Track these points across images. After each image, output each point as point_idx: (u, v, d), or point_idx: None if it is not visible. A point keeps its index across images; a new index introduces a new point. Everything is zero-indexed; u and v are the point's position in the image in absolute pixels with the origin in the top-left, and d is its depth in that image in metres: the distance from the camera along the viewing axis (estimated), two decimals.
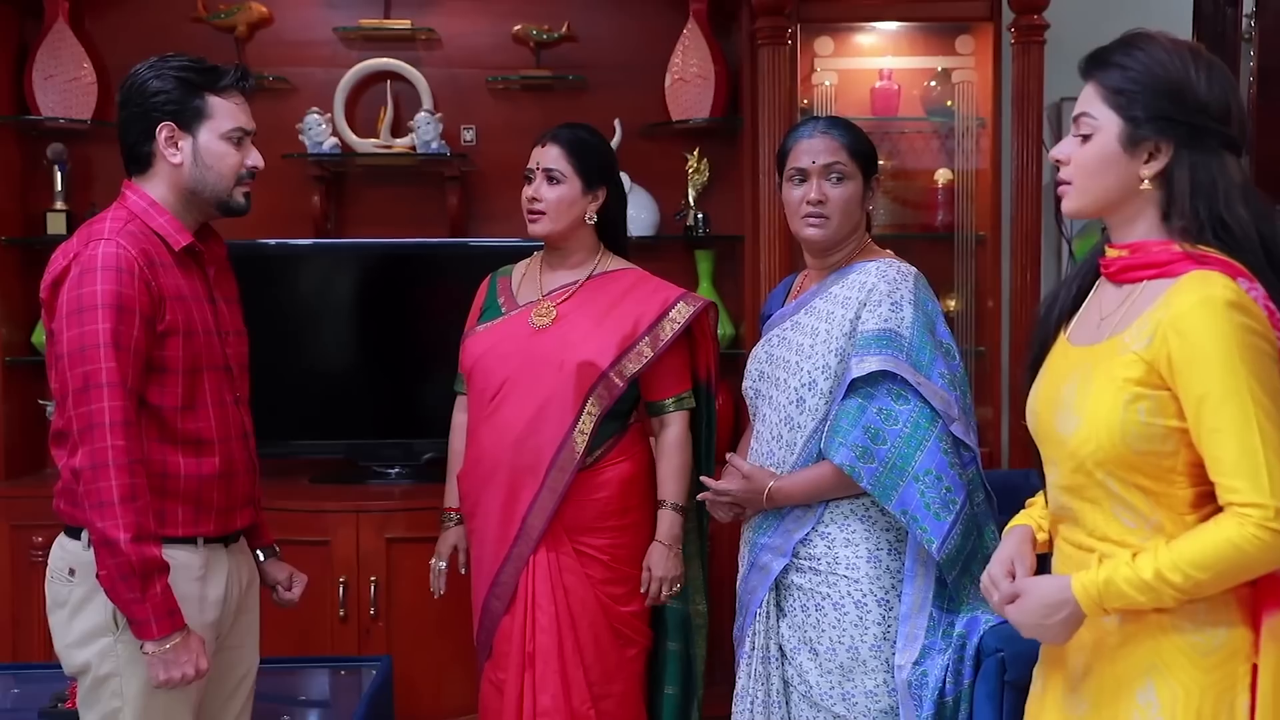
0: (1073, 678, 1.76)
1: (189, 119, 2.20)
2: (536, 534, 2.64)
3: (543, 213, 2.70)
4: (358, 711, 2.68)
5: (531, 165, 2.74)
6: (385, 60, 3.94)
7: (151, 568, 2.03)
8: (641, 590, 2.70)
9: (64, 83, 3.82)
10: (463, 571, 2.83)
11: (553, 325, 2.70)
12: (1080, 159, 1.73)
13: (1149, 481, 1.65)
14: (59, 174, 3.86)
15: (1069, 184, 1.75)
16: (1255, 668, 1.63)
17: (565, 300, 2.73)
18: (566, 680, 2.62)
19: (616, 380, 2.66)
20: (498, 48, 3.98)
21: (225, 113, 2.22)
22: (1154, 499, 1.66)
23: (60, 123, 3.83)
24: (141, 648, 2.06)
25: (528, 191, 2.73)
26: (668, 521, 2.72)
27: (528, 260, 2.88)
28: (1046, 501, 1.85)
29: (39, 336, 3.87)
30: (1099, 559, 1.66)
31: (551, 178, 2.70)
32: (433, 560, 2.87)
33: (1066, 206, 1.78)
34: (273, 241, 3.74)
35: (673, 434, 2.75)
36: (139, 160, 2.23)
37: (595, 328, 2.68)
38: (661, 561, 2.70)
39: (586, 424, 2.64)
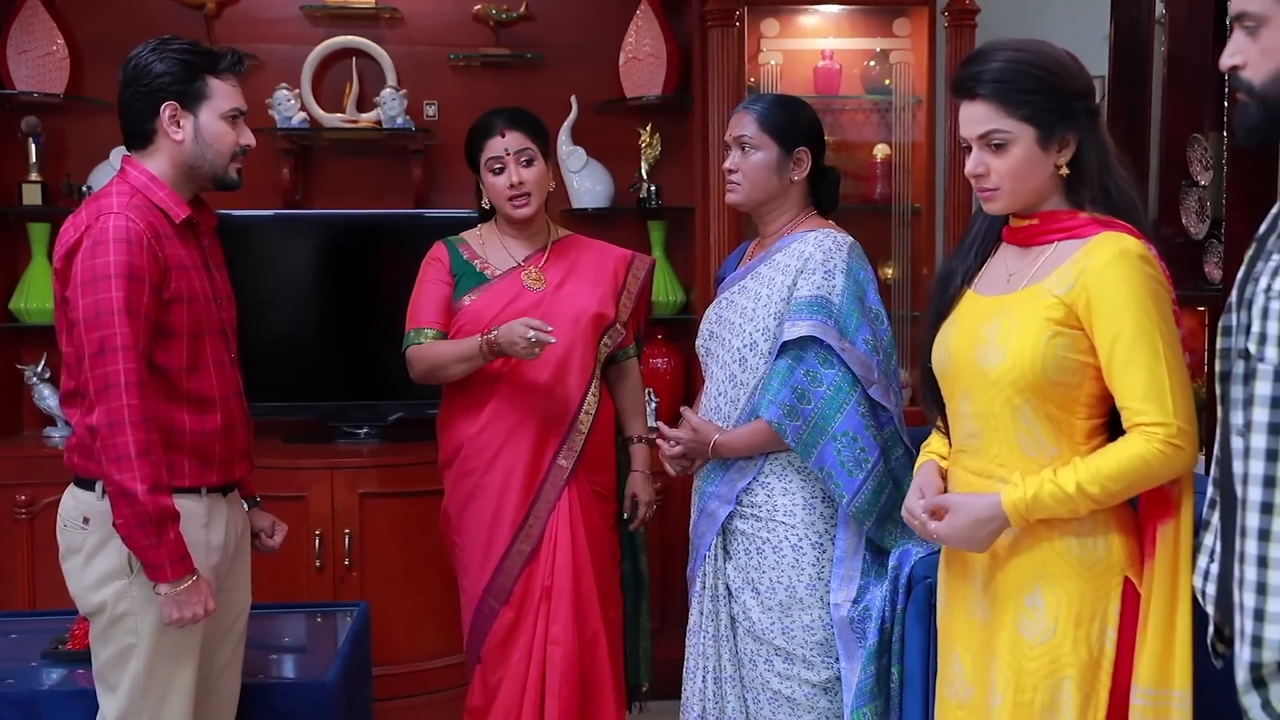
0: (976, 588, 2.03)
1: (191, 99, 2.33)
2: (565, 476, 2.84)
3: (529, 194, 2.83)
4: (341, 651, 2.85)
5: (499, 153, 2.82)
6: (350, 38, 4.09)
7: (166, 516, 2.20)
8: (626, 516, 3.00)
9: (37, 58, 3.94)
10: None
11: (549, 286, 2.88)
12: (1006, 169, 1.94)
13: (1057, 410, 1.92)
14: (33, 146, 3.97)
15: (995, 190, 1.96)
16: (1126, 581, 1.91)
17: (544, 265, 2.92)
18: (581, 610, 2.85)
19: (620, 328, 2.94)
20: (458, 26, 4.14)
21: (224, 94, 2.36)
22: (1058, 428, 1.92)
23: (34, 96, 3.95)
24: (155, 589, 2.24)
25: (508, 179, 2.81)
26: (642, 453, 3.04)
27: (475, 231, 2.99)
28: (949, 438, 2.10)
29: (17, 303, 4.00)
30: (1020, 477, 1.91)
31: (529, 159, 2.83)
32: (525, 340, 2.61)
33: (996, 209, 2.01)
34: (243, 212, 3.86)
35: (634, 378, 3.07)
36: (141, 136, 2.35)
37: (591, 284, 2.91)
38: (646, 488, 3.03)
39: (598, 370, 2.91)
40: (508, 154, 2.83)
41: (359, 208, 4.10)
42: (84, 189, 3.94)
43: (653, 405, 3.99)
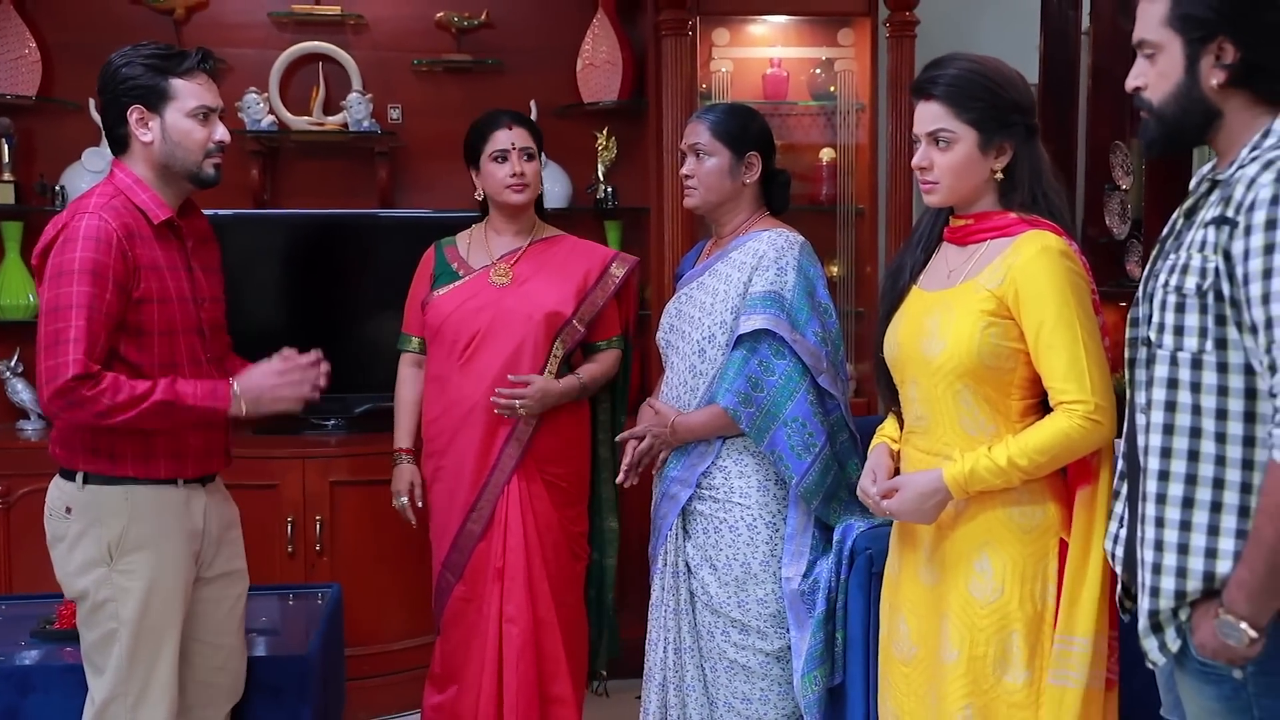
0: (923, 555, 2.23)
1: (155, 101, 2.40)
2: (513, 464, 3.00)
3: (527, 184, 3.04)
4: (318, 629, 3.00)
5: (504, 146, 3.02)
6: (317, 43, 4.20)
7: (138, 395, 2.27)
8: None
9: (9, 61, 4.02)
10: (419, 505, 3.15)
11: (513, 283, 3.05)
12: (947, 165, 2.16)
13: (993, 392, 2.12)
14: (5, 147, 4.04)
15: (935, 184, 2.18)
16: (1061, 542, 2.11)
17: (517, 262, 3.09)
18: (533, 591, 3.01)
19: (578, 326, 3.07)
20: (421, 33, 4.27)
21: (189, 93, 2.41)
22: (994, 408, 2.13)
23: (6, 98, 4.02)
24: (244, 413, 2.39)
25: (510, 169, 3.01)
26: (571, 379, 3.07)
27: (467, 231, 3.20)
28: (900, 422, 2.31)
29: None
30: (960, 454, 2.11)
31: (530, 155, 3.05)
32: (395, 500, 3.17)
33: (934, 201, 2.22)
34: (213, 212, 3.87)
35: (605, 355, 3.15)
36: (117, 141, 2.44)
37: (554, 282, 3.06)
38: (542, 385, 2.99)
39: (553, 366, 3.03)
40: (513, 147, 3.02)
41: (326, 207, 4.20)
42: (56, 189, 4.04)
43: None
